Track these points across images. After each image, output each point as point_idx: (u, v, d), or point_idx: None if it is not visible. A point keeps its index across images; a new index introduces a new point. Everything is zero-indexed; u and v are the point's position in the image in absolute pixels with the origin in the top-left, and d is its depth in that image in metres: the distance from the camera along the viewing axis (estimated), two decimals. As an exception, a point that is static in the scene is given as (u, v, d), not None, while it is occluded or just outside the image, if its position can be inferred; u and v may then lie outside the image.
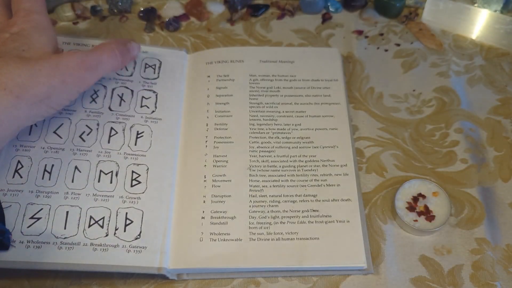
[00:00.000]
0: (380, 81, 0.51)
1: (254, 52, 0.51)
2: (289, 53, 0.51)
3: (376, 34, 0.54)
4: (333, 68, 0.50)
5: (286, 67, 0.50)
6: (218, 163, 0.43)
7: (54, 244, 0.38)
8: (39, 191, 0.40)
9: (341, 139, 0.45)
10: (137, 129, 0.44)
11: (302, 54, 0.51)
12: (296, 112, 0.47)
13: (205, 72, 0.49)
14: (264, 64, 0.50)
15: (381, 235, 0.41)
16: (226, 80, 0.48)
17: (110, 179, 0.41)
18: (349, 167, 0.43)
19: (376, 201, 0.43)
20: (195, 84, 0.49)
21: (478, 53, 0.53)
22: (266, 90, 0.48)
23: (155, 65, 0.49)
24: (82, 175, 0.41)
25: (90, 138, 0.43)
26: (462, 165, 0.45)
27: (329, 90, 0.48)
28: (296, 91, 0.48)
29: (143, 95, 0.46)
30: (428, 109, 0.48)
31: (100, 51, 0.41)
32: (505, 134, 0.47)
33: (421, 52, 0.53)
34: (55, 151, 0.42)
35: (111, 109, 0.45)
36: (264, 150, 0.44)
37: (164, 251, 0.38)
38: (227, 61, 0.50)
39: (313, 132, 0.46)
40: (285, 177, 0.43)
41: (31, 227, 0.38)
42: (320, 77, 0.49)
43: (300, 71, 0.50)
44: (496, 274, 0.39)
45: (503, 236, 0.41)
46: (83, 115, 0.44)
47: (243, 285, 0.39)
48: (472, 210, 0.42)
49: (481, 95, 0.49)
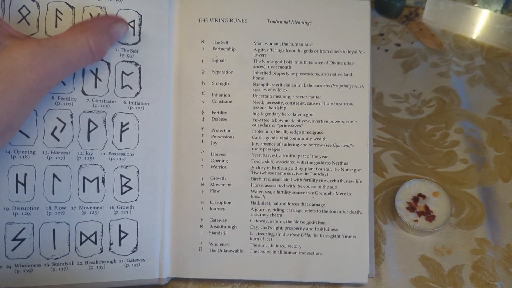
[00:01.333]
0: (380, 81, 0.51)
1: (261, 5, 0.39)
2: (306, 8, 0.40)
3: (377, 34, 0.54)
4: (361, 32, 0.40)
5: (301, 31, 0.39)
6: (217, 163, 0.38)
7: (46, 266, 0.35)
8: (15, 207, 0.34)
9: (358, 136, 0.39)
10: (120, 119, 0.36)
11: (322, 10, 0.40)
12: (309, 97, 0.39)
13: (198, 34, 0.39)
14: (273, 26, 0.39)
15: (381, 235, 0.41)
16: (224, 49, 0.39)
17: (96, 187, 0.36)
18: (363, 173, 0.38)
19: (376, 201, 0.43)
20: (186, 53, 0.39)
21: (478, 53, 0.53)
22: (274, 66, 0.39)
23: (134, 22, 0.37)
24: (62, 184, 0.35)
25: (64, 135, 0.35)
26: (463, 165, 0.45)
27: (352, 66, 0.39)
28: (311, 67, 0.39)
29: (123, 70, 0.37)
30: (428, 109, 0.48)
31: (68, 45, 0.31)
32: (505, 134, 0.47)
33: (422, 52, 0.53)
34: (24, 156, 0.34)
35: (85, 93, 0.36)
36: (269, 148, 0.38)
37: (163, 261, 0.37)
38: (225, 20, 0.39)
39: (327, 126, 0.39)
40: (291, 182, 0.38)
41: (16, 249, 0.34)
42: (342, 47, 0.39)
43: (319, 37, 0.39)
44: (496, 274, 0.39)
45: (503, 236, 0.41)
46: (51, 103, 0.35)
47: (243, 285, 0.39)
48: (472, 210, 0.42)
49: (481, 95, 0.49)
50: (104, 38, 0.33)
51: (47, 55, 0.29)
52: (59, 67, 0.30)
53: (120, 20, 0.35)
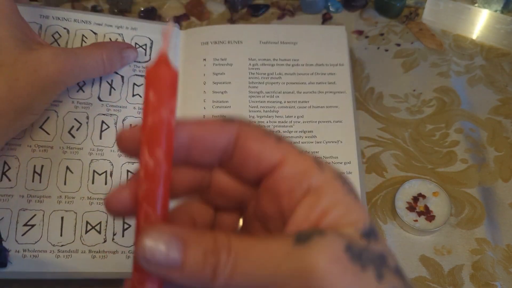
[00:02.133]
0: (380, 81, 0.51)
1: (253, 31, 0.47)
2: (292, 32, 0.47)
3: (377, 34, 0.54)
4: (339, 50, 0.46)
5: (288, 50, 0.46)
6: None
7: (51, 252, 0.36)
8: (30, 195, 0.37)
9: (345, 133, 0.43)
10: (130, 122, 0.42)
11: (305, 33, 0.47)
12: (299, 102, 0.44)
13: (201, 54, 0.45)
14: (265, 46, 0.46)
15: (381, 235, 0.41)
16: (223, 65, 0.45)
17: (104, 180, 0.39)
18: (353, 165, 0.41)
19: (376, 201, 0.43)
20: (190, 68, 0.45)
21: (478, 53, 0.53)
22: (267, 77, 0.45)
23: (146, 45, 0.45)
24: (74, 176, 0.39)
25: (80, 133, 0.40)
26: (462, 165, 0.45)
27: (334, 76, 0.45)
28: (299, 77, 0.45)
29: (134, 82, 0.43)
30: (429, 109, 0.48)
31: (85, 55, 0.38)
32: (505, 134, 0.47)
33: (422, 52, 0.53)
34: (43, 150, 0.39)
35: (101, 99, 0.41)
36: None
37: None
38: (224, 42, 0.46)
39: (317, 125, 0.43)
40: None
41: (25, 235, 0.36)
42: (324, 61, 0.46)
43: (304, 54, 0.46)
44: (496, 274, 0.39)
45: (503, 236, 0.41)
46: (71, 106, 0.41)
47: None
48: (472, 210, 0.42)
49: (481, 95, 0.49)
50: (116, 56, 0.41)
51: (66, 56, 0.36)
52: (76, 68, 0.37)
53: (132, 47, 0.43)
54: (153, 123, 0.18)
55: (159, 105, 0.18)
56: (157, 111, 0.18)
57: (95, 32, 0.44)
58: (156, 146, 0.19)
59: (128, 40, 0.44)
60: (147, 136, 0.19)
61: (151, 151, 0.19)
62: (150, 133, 0.19)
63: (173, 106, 0.19)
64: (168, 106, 0.19)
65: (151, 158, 0.19)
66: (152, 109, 0.18)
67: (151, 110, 0.19)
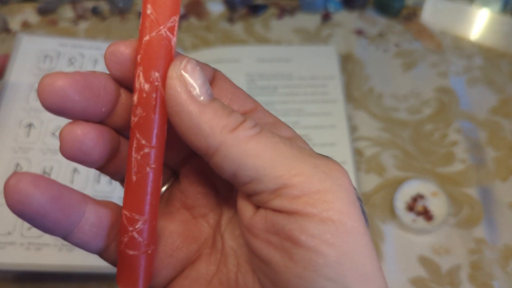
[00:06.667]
0: (379, 81, 0.51)
1: (250, 51, 0.52)
2: (286, 52, 0.52)
3: (376, 34, 0.55)
4: (330, 66, 0.51)
5: (283, 66, 0.50)
6: None
7: (55, 246, 0.38)
8: None
9: (339, 136, 0.46)
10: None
11: (298, 53, 0.52)
12: (295, 110, 0.48)
13: None
14: (261, 64, 0.51)
15: (380, 235, 0.41)
16: None
17: (109, 180, 0.41)
18: (348, 165, 0.44)
19: (375, 201, 0.43)
20: None
21: (477, 54, 0.53)
22: (264, 90, 0.49)
23: None
24: (81, 176, 0.41)
25: None
26: (461, 165, 0.45)
27: (326, 88, 0.49)
28: (293, 89, 0.49)
29: None
30: (428, 109, 0.49)
31: None
32: (503, 134, 0.47)
33: (421, 52, 0.53)
34: (54, 153, 0.42)
35: None
36: None
37: None
38: (223, 61, 0.50)
39: (312, 130, 0.46)
40: None
41: (31, 229, 0.38)
42: (316, 75, 0.50)
43: (297, 70, 0.50)
44: (493, 273, 0.39)
45: (501, 235, 0.41)
46: None
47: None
48: (471, 210, 0.42)
49: (480, 95, 0.50)
50: None
51: None
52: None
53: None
54: (150, 41, 0.16)
55: (158, 21, 0.16)
56: (155, 27, 0.16)
57: None
58: (152, 68, 0.16)
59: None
60: (143, 56, 0.16)
61: (146, 74, 0.16)
62: (146, 53, 0.16)
63: (174, 25, 0.16)
64: (168, 24, 0.16)
65: (147, 81, 0.16)
66: (150, 25, 0.16)
67: (148, 26, 0.16)
